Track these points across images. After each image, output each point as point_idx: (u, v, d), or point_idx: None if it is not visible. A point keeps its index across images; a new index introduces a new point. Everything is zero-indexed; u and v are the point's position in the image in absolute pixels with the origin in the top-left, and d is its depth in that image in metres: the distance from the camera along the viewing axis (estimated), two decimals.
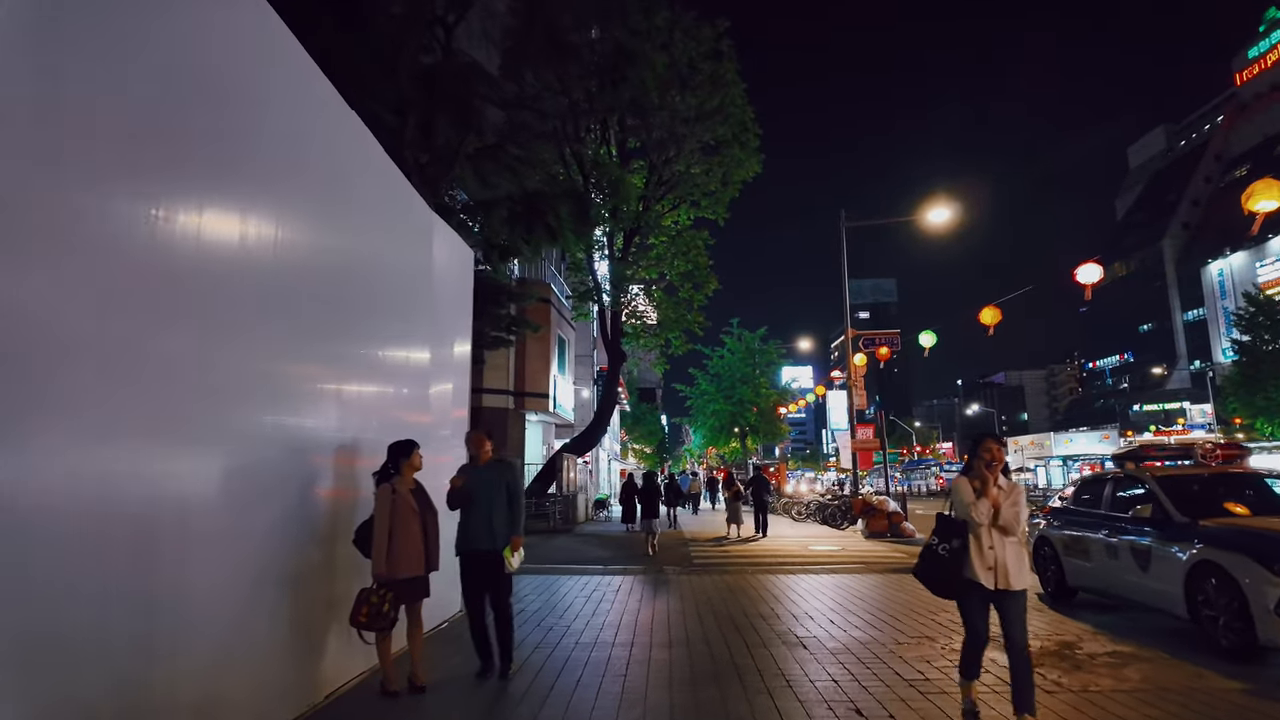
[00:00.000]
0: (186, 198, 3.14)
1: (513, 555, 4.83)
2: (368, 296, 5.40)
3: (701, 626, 6.50)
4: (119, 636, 2.73)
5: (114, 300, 2.71)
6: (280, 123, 4.10)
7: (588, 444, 22.65)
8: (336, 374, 4.81)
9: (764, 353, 38.14)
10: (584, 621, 6.83)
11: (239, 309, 3.61)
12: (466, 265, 8.16)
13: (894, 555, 12.54)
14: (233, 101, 3.58)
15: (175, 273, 3.05)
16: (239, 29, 3.67)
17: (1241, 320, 40.82)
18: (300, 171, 4.39)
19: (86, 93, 2.58)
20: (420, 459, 4.65)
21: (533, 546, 15.14)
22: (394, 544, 4.40)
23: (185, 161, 3.16)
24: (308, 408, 4.39)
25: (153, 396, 2.91)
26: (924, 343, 17.20)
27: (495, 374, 20.05)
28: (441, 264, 7.14)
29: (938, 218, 18.38)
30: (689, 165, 20.96)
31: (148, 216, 2.88)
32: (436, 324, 6.86)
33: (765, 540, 15.86)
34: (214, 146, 3.37)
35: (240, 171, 3.65)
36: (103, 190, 2.69)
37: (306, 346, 4.42)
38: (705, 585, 9.00)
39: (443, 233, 7.31)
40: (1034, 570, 8.04)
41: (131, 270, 2.80)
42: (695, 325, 22.41)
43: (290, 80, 4.25)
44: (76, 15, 2.54)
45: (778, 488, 33.36)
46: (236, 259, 3.59)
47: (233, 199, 3.57)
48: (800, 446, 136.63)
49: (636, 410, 54.74)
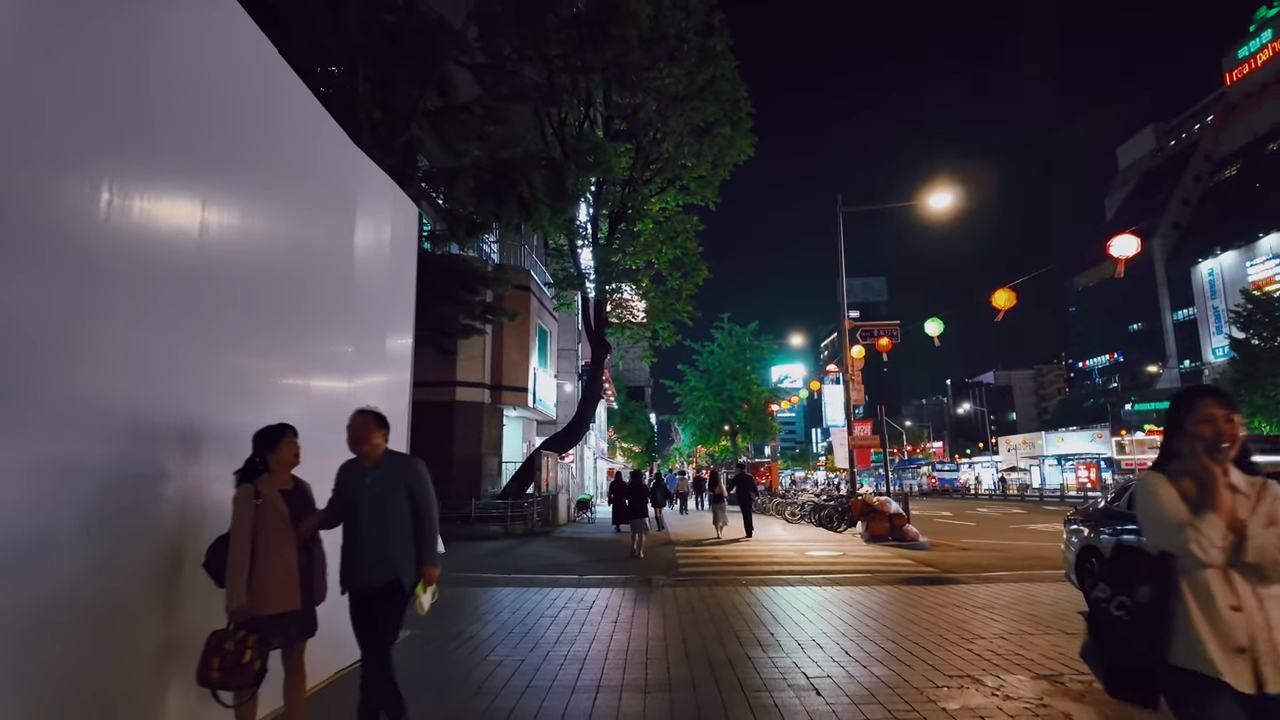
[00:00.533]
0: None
1: (424, 593, 3.44)
2: (256, 259, 4.10)
3: (688, 661, 5.27)
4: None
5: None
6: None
7: (569, 441, 21.39)
8: (201, 347, 3.52)
9: (755, 348, 36.93)
10: (543, 652, 5.58)
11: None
12: (409, 229, 6.78)
13: (900, 563, 11.38)
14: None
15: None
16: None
17: (1239, 317, 40.14)
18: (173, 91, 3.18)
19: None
20: (295, 450, 3.38)
21: (503, 553, 13.92)
22: (257, 567, 3.15)
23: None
24: (141, 384, 3.11)
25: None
26: (931, 331, 16.11)
27: (469, 365, 18.79)
28: (372, 227, 5.86)
29: (938, 203, 17.41)
30: (677, 146, 19.78)
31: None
32: (363, 300, 5.57)
33: (757, 543, 14.70)
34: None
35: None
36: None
37: (157, 313, 3.16)
38: (693, 601, 7.78)
39: (376, 188, 6.01)
40: (1077, 584, 6.88)
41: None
42: (684, 315, 21.21)
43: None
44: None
45: (770, 487, 32.31)
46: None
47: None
48: (790, 446, 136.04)
49: (625, 408, 53.56)
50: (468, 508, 17.03)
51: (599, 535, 17.75)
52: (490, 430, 19.65)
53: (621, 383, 51.02)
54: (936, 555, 12.61)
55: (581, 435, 22.29)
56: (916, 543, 14.34)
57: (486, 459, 19.30)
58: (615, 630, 6.34)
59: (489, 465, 19.50)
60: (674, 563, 11.76)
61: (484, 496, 18.34)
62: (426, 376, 18.27)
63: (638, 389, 60.70)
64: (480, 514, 17.21)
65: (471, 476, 18.48)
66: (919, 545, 14.16)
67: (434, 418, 18.20)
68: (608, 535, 17.48)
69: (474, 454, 18.78)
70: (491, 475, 19.67)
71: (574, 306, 22.18)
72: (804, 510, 20.32)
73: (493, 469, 19.83)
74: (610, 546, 14.85)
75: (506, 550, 14.12)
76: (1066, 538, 7.18)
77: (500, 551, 13.91)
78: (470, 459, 18.69)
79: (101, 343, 2.86)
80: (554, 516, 19.86)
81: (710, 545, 14.79)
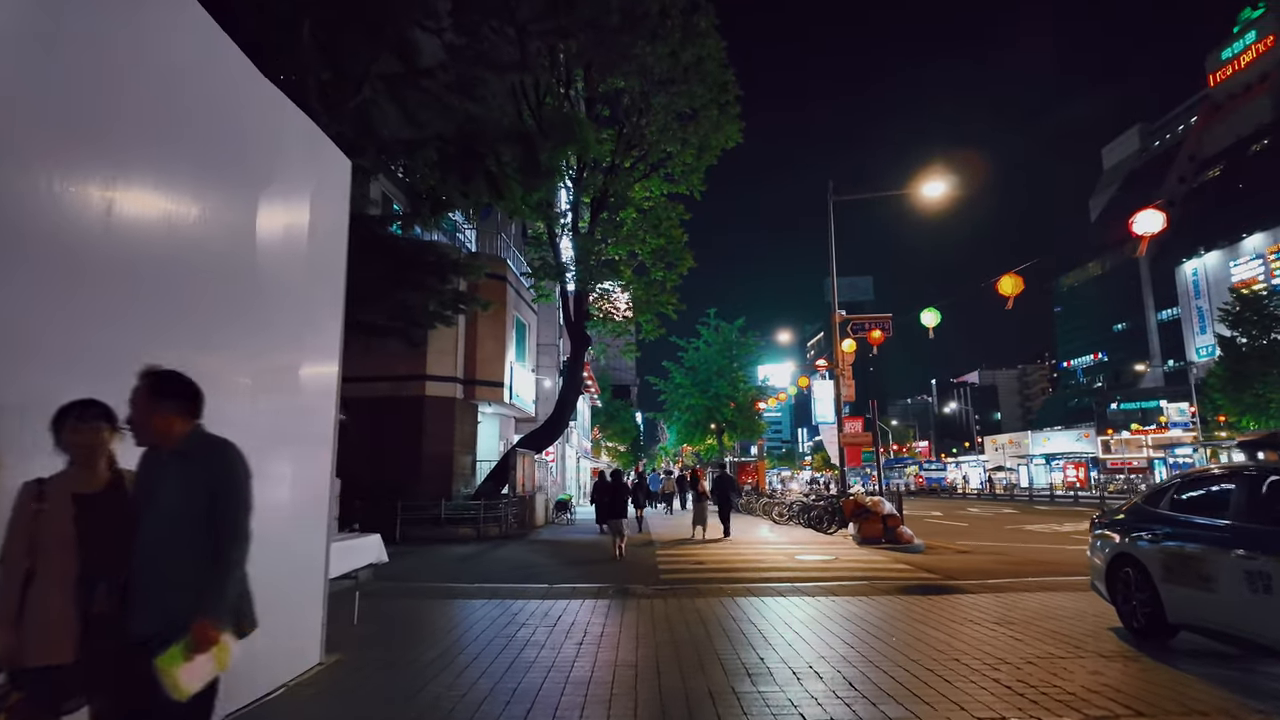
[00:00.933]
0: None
1: (181, 666, 2.17)
2: (135, 219, 3.14)
3: (660, 699, 4.35)
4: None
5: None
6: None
7: (548, 438, 20.43)
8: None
9: (742, 345, 36.13)
10: (490, 685, 4.65)
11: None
12: (339, 190, 5.71)
13: (898, 568, 10.55)
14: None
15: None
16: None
17: (1228, 316, 39.90)
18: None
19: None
20: (91, 439, 2.39)
21: (471, 559, 12.90)
22: (31, 596, 2.21)
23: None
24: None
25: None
26: (927, 321, 15.36)
27: (441, 358, 17.81)
28: (288, 180, 4.90)
29: (930, 191, 16.71)
30: (662, 130, 18.89)
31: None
32: (273, 268, 4.60)
33: (744, 546, 13.85)
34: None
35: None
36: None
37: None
38: (672, 616, 6.88)
39: (293, 133, 5.03)
40: (1107, 595, 6.05)
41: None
42: (668, 308, 20.31)
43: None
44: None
45: (757, 487, 31.48)
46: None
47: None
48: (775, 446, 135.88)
49: (610, 407, 52.58)
50: (437, 509, 16.03)
51: (577, 537, 16.82)
52: (463, 427, 18.65)
53: (606, 381, 49.99)
54: (934, 559, 11.80)
55: (560, 432, 21.34)
56: (911, 545, 13.56)
57: (459, 457, 18.29)
58: (580, 654, 5.42)
59: (461, 464, 18.50)
60: (654, 568, 10.88)
61: (456, 497, 17.34)
62: (395, 370, 17.29)
63: (623, 388, 59.71)
64: (451, 515, 16.21)
65: (443, 476, 17.48)
66: (914, 548, 13.38)
67: (403, 413, 17.21)
68: (588, 537, 16.56)
69: (445, 452, 17.77)
70: (465, 474, 18.67)
71: (553, 298, 21.22)
72: (792, 511, 19.48)
73: (466, 468, 18.83)
74: (588, 549, 13.93)
75: (475, 555, 13.16)
76: (1093, 543, 6.35)
77: (469, 557, 12.94)
78: (441, 457, 17.68)
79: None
80: (531, 518, 18.91)
81: (691, 546, 13.96)
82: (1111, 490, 40.95)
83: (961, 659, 5.05)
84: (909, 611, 6.95)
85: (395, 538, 15.16)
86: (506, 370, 19.70)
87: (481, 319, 18.75)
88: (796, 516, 18.88)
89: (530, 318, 23.52)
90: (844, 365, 18.02)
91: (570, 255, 19.72)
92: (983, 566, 10.77)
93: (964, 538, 16.41)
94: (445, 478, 17.50)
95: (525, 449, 19.49)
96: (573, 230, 19.66)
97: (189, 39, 3.84)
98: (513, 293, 20.41)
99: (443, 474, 17.50)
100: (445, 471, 17.61)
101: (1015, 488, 49.51)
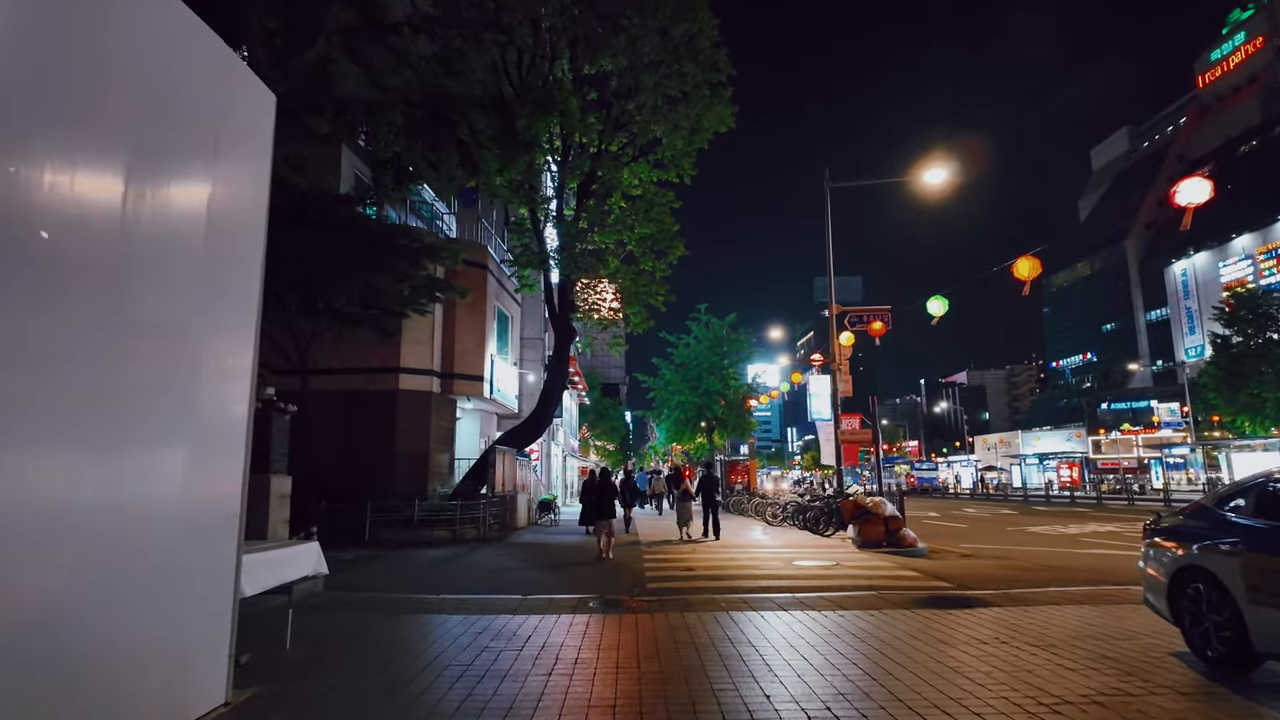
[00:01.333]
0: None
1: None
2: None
3: None
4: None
5: None
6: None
7: (530, 435, 19.45)
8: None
9: (733, 341, 35.29)
10: None
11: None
12: (259, 131, 4.66)
13: (906, 575, 9.68)
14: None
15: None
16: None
17: (1222, 314, 39.45)
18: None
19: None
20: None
21: (442, 564, 11.79)
22: None
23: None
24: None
25: None
26: (933, 310, 14.57)
27: (416, 350, 16.81)
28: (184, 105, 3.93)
29: (933, 178, 15.90)
30: (653, 110, 17.96)
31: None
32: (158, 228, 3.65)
33: (737, 550, 12.96)
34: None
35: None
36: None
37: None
38: (660, 636, 5.96)
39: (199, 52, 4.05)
40: (1169, 615, 5.18)
41: None
42: (658, 299, 19.37)
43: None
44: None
45: (748, 487, 30.63)
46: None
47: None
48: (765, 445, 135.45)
49: (599, 405, 51.63)
50: (410, 510, 15.01)
51: (560, 539, 15.87)
52: (440, 423, 17.64)
53: (595, 379, 49.00)
54: (940, 564, 10.96)
55: (544, 429, 20.36)
56: (915, 549, 12.73)
57: (435, 455, 17.29)
58: (547, 689, 4.49)
59: (438, 462, 17.49)
60: (640, 574, 9.98)
61: (432, 497, 16.34)
62: (367, 361, 16.26)
63: (612, 386, 58.78)
64: (425, 516, 15.20)
65: (417, 474, 16.47)
66: (918, 552, 12.55)
67: (374, 407, 16.21)
68: (571, 539, 15.62)
69: (420, 449, 16.76)
70: (442, 473, 17.67)
71: (537, 288, 20.23)
72: (786, 512, 18.63)
73: (443, 466, 17.82)
74: (570, 552, 13.00)
75: (448, 560, 12.17)
76: (1147, 552, 5.49)
77: (440, 562, 11.96)
78: (416, 454, 16.66)
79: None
80: (511, 519, 17.94)
81: (680, 549, 13.08)
82: (1105, 490, 40.44)
83: (1012, 700, 4.15)
84: (929, 629, 6.07)
85: (364, 540, 14.16)
86: (487, 363, 18.71)
87: (460, 309, 17.76)
88: (791, 518, 18.02)
89: (514, 309, 22.53)
90: (841, 359, 17.18)
91: (555, 244, 18.77)
92: (996, 573, 9.93)
93: (966, 540, 15.61)
94: (420, 476, 16.49)
95: (506, 446, 18.52)
96: (558, 217, 18.71)
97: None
98: (494, 282, 19.43)
99: (417, 472, 16.50)
100: (420, 470, 16.60)
101: (1008, 488, 48.99)
